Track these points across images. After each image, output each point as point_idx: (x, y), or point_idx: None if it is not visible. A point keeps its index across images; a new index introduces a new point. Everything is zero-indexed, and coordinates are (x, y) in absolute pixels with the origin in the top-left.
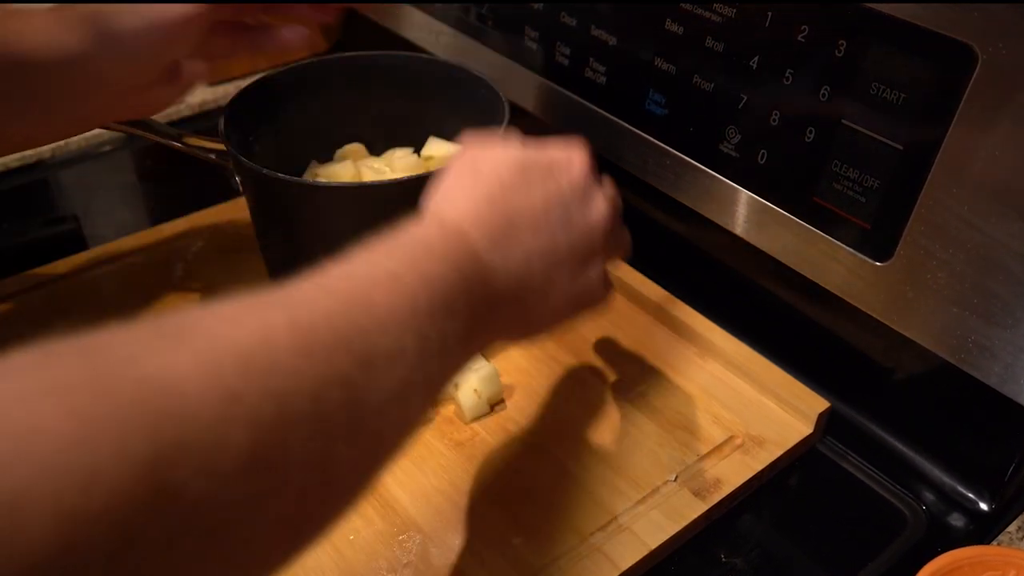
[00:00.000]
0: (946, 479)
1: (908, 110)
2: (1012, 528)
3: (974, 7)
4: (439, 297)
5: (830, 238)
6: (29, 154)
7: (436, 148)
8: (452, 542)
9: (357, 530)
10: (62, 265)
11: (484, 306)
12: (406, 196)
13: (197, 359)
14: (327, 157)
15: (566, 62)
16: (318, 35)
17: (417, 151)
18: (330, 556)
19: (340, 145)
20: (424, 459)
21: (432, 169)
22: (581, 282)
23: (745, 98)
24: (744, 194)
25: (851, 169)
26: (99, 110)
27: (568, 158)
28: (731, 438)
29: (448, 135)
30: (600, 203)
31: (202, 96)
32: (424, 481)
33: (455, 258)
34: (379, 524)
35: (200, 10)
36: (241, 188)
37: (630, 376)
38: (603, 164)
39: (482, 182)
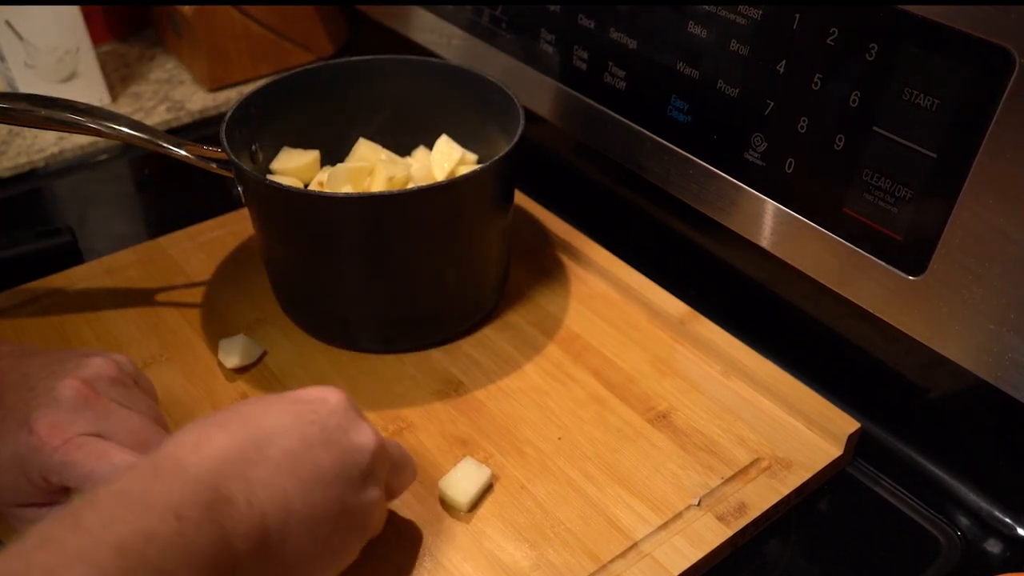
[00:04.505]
0: (982, 503)
1: (942, 116)
2: None
3: (1011, 8)
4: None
5: (860, 251)
6: (22, 163)
7: (445, 147)
8: (463, 568)
9: (365, 555)
10: (57, 279)
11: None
12: (412, 206)
13: None
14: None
15: (584, 66)
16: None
17: None
18: None
19: (346, 153)
20: (435, 481)
21: (442, 179)
22: (355, 507)
23: (772, 104)
24: (771, 205)
25: (883, 178)
26: None
27: (321, 393)
28: (757, 460)
29: (460, 143)
30: (365, 427)
31: (203, 103)
32: (435, 505)
33: (173, 501)
34: (389, 550)
35: None
36: (243, 199)
37: (650, 395)
38: (623, 174)
39: (221, 418)
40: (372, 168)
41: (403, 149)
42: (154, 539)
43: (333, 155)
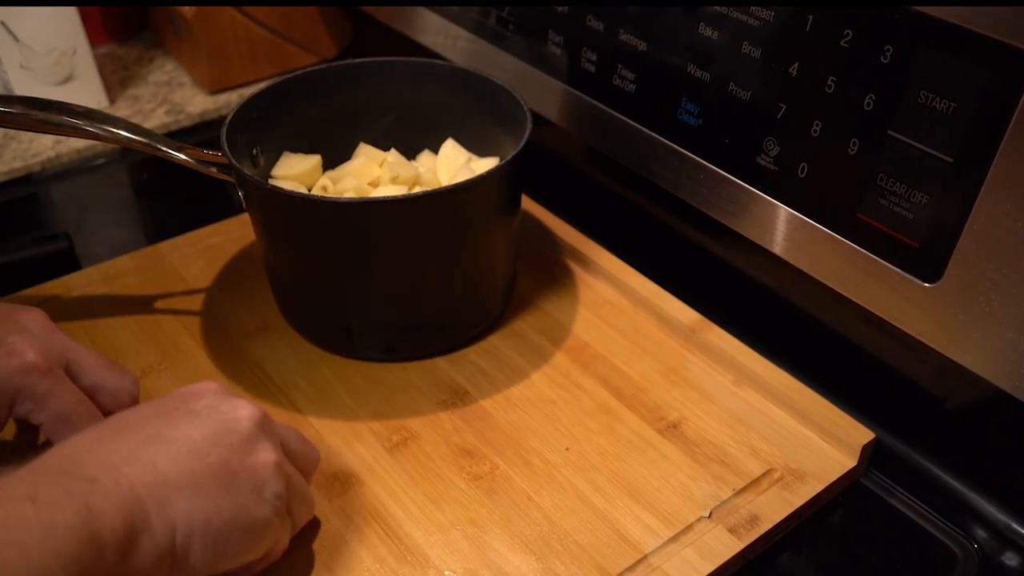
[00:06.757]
0: (999, 515)
1: (959, 120)
2: None
3: None
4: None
5: (875, 257)
6: (18, 167)
7: (450, 151)
8: None
9: (368, 569)
10: (53, 286)
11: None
12: (416, 211)
13: None
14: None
15: (593, 69)
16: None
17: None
18: None
19: (349, 158)
20: (440, 494)
21: (447, 183)
22: (241, 468)
23: (784, 108)
24: (783, 210)
25: (898, 183)
26: None
27: (194, 386)
28: (769, 471)
29: (466, 147)
30: (240, 402)
31: (203, 106)
32: (440, 517)
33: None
34: (391, 562)
35: None
36: (244, 204)
37: (660, 405)
38: (632, 178)
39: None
40: (375, 173)
41: (408, 153)
42: (10, 519)
43: (336, 159)
